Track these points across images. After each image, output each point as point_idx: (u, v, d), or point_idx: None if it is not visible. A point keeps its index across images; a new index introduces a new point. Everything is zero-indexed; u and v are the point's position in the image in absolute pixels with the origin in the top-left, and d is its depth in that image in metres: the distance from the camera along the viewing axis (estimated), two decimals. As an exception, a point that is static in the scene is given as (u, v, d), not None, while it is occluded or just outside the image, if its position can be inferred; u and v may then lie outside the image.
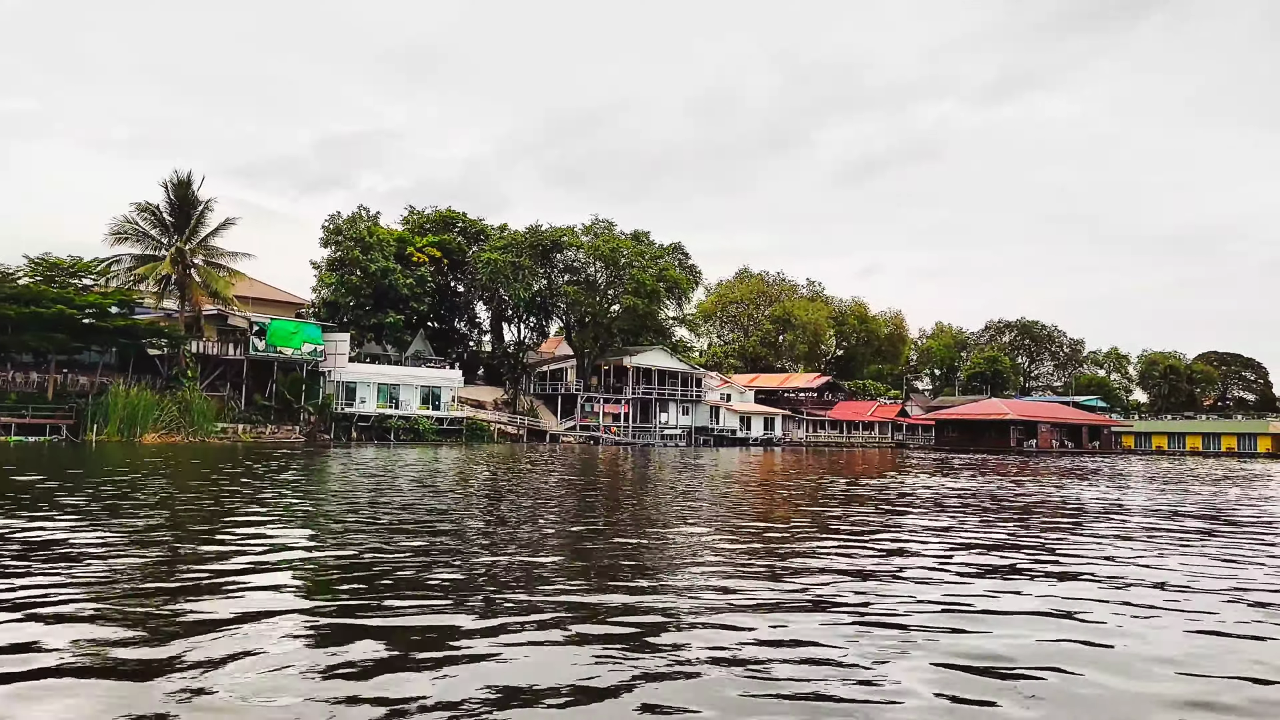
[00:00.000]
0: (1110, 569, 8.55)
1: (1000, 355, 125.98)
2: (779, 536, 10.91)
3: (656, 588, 7.06)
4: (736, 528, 11.88)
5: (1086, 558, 9.36)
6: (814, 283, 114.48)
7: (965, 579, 7.73)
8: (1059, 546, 10.29)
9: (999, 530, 12.20)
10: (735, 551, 9.36)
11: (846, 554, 9.21)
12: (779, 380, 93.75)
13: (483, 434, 64.07)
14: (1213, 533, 12.48)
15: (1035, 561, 9.02)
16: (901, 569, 8.28)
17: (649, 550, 9.32)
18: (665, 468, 30.99)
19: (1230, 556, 9.75)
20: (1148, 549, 10.27)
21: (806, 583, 7.34)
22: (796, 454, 57.46)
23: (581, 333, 74.59)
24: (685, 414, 80.00)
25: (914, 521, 13.43)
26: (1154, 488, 24.55)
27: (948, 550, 9.76)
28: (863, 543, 10.19)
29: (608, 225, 75.11)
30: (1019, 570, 8.40)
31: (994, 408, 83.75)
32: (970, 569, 8.37)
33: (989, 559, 9.16)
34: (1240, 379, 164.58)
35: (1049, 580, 7.83)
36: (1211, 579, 8.08)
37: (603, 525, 11.88)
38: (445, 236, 70.26)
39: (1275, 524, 14.11)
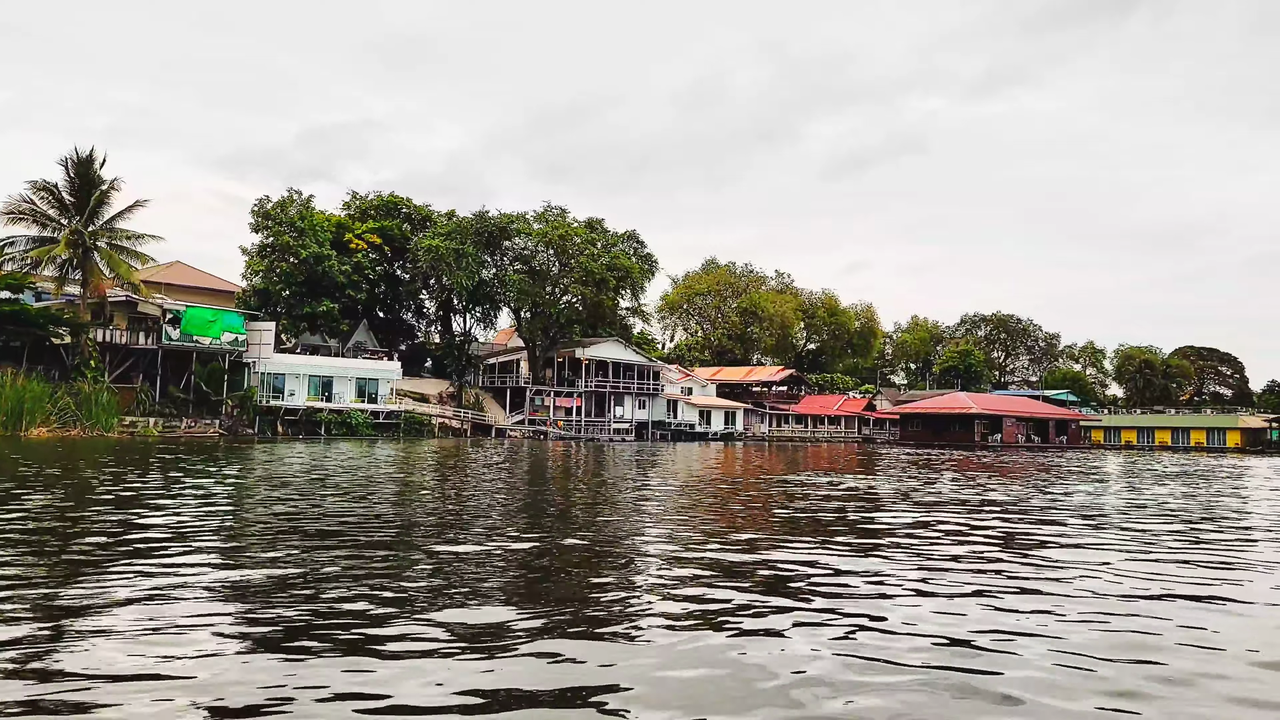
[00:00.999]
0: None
1: (973, 349, 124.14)
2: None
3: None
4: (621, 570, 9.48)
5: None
6: (783, 274, 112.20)
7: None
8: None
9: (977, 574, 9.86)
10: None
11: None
12: (742, 374, 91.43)
13: (423, 428, 61.44)
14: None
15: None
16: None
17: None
18: (589, 468, 28.58)
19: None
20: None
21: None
22: (755, 450, 55.22)
23: (532, 323, 71.99)
24: (642, 408, 77.58)
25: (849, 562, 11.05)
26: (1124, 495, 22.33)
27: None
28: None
29: (560, 212, 72.54)
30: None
31: (958, 402, 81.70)
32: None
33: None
34: (1216, 374, 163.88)
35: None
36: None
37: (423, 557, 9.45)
38: (387, 223, 67.46)
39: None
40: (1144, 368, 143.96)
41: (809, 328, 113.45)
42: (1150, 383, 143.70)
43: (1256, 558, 10.61)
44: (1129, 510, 16.62)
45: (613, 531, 11.70)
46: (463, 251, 64.01)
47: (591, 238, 68.57)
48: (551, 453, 39.25)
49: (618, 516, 13.66)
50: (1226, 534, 12.95)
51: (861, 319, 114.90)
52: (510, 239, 69.10)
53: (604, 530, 11.76)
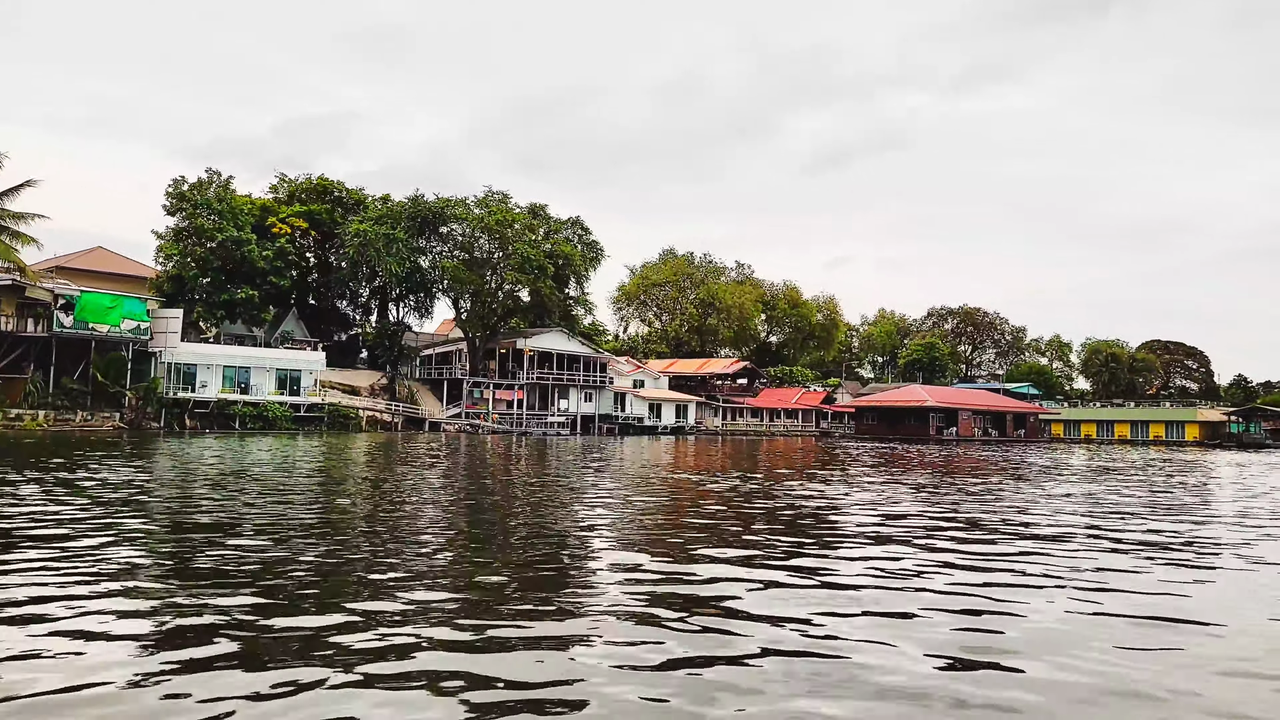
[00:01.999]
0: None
1: (937, 342, 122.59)
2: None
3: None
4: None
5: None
6: (743, 265, 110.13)
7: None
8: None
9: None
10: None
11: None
12: (696, 366, 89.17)
13: (349, 422, 58.62)
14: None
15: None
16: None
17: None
18: (489, 469, 26.09)
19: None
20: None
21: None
22: (700, 445, 52.90)
23: (472, 313, 69.30)
24: (588, 400, 75.09)
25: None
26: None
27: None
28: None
29: (501, 197, 69.78)
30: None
31: (914, 395, 79.91)
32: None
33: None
34: (1183, 367, 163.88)
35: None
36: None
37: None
38: (315, 206, 64.48)
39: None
40: (1110, 361, 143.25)
41: (771, 320, 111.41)
42: (1116, 376, 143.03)
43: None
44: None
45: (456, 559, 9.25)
46: (394, 237, 61.19)
47: (532, 224, 65.94)
48: (468, 449, 36.73)
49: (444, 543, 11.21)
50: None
51: (824, 311, 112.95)
52: (447, 225, 66.31)
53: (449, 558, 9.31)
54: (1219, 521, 13.44)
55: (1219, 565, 9.11)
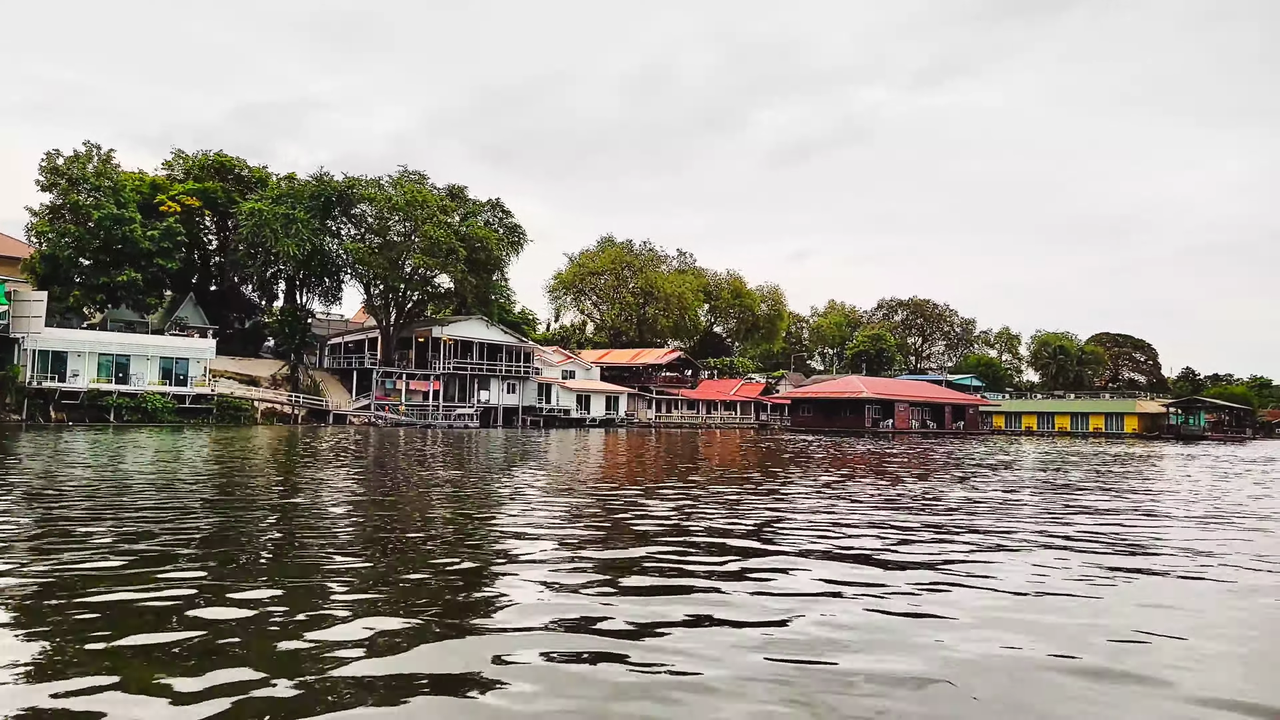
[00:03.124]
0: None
1: (884, 334, 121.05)
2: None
3: None
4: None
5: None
6: (685, 253, 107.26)
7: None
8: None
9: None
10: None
11: None
12: (630, 356, 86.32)
13: (241, 414, 54.90)
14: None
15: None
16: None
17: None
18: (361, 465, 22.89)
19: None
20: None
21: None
22: (625, 438, 50.03)
23: (385, 298, 65.79)
24: (511, 391, 71.90)
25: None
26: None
27: None
28: None
29: (418, 177, 66.29)
30: None
31: (850, 386, 77.84)
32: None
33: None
34: (1131, 360, 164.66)
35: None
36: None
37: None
38: (210, 184, 60.44)
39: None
40: (1058, 354, 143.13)
41: (714, 310, 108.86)
42: (1064, 368, 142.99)
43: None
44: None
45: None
46: (293, 217, 57.41)
47: (446, 205, 62.44)
48: (340, 445, 33.48)
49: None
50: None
51: (768, 301, 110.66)
52: (357, 206, 62.66)
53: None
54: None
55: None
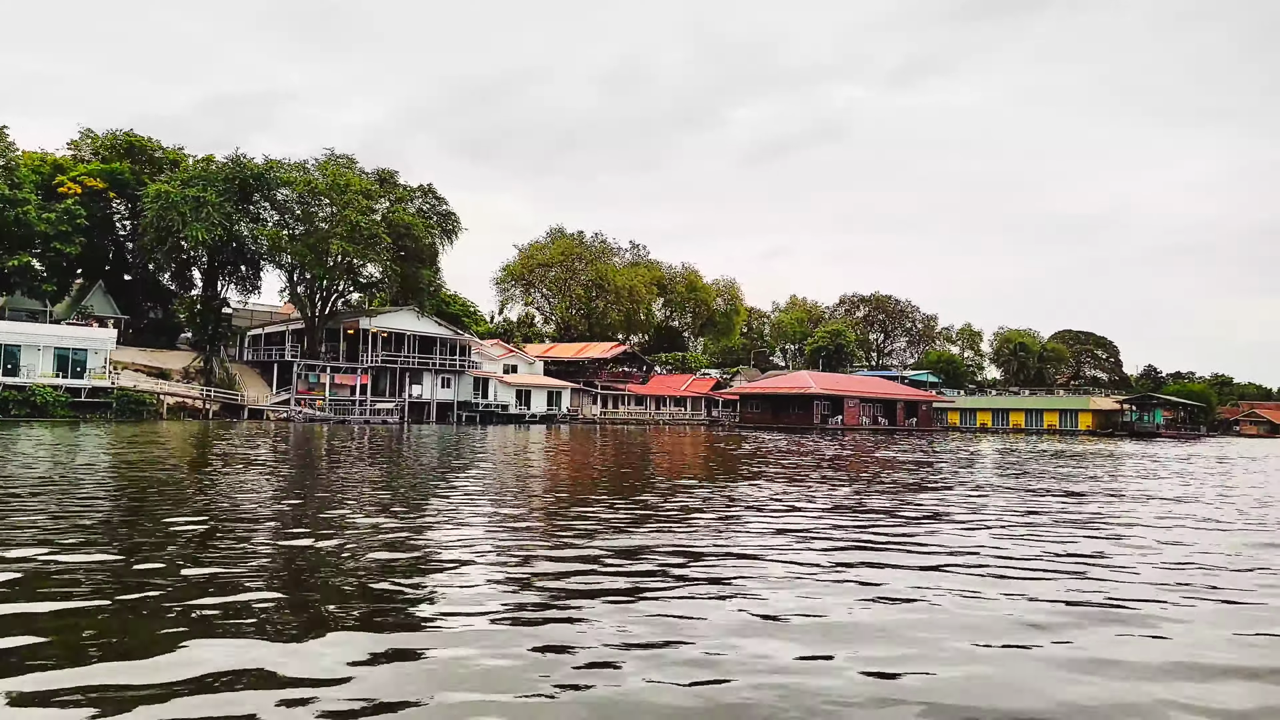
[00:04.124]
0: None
1: (843, 329, 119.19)
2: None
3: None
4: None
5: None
6: (638, 245, 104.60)
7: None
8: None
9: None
10: None
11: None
12: (575, 350, 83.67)
13: (144, 408, 51.58)
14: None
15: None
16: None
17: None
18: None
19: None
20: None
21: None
22: (562, 436, 47.40)
23: (311, 287, 62.66)
24: (446, 386, 69.02)
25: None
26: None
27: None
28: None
29: (347, 161, 63.19)
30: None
31: (799, 381, 75.78)
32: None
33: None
34: (1093, 357, 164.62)
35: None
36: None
37: None
38: (117, 165, 56.99)
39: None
40: (1019, 350, 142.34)
41: (669, 304, 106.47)
42: (1024, 365, 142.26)
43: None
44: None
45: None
46: (203, 200, 54.11)
47: (371, 189, 59.36)
48: (251, 441, 30.58)
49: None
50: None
51: (724, 295, 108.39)
52: (277, 189, 59.45)
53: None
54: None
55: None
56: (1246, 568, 7.70)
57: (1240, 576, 7.24)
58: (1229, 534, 10.02)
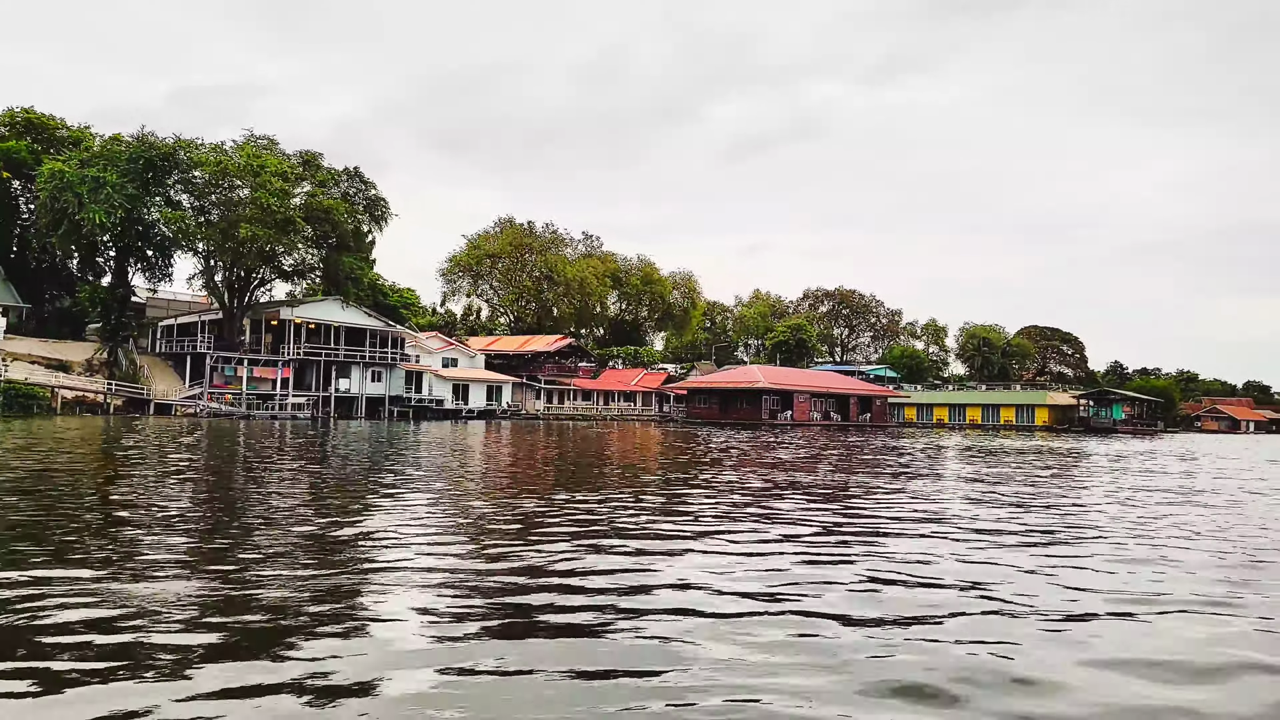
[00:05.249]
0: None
1: (804, 323, 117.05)
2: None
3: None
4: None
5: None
6: (591, 236, 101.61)
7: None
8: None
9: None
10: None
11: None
12: (518, 343, 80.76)
13: (34, 402, 48.15)
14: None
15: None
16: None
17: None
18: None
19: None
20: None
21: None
22: (492, 432, 44.59)
23: (230, 274, 59.35)
24: (376, 380, 65.93)
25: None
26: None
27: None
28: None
29: (268, 143, 59.88)
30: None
31: (748, 376, 73.42)
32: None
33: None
34: (1059, 353, 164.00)
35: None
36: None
37: None
38: (13, 143, 53.40)
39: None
40: (983, 346, 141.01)
41: (624, 296, 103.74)
42: (989, 361, 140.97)
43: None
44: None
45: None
46: (103, 181, 50.62)
47: (286, 171, 56.05)
48: (137, 440, 27.54)
49: None
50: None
51: (681, 289, 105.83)
52: (187, 170, 56.05)
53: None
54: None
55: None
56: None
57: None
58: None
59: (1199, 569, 7.05)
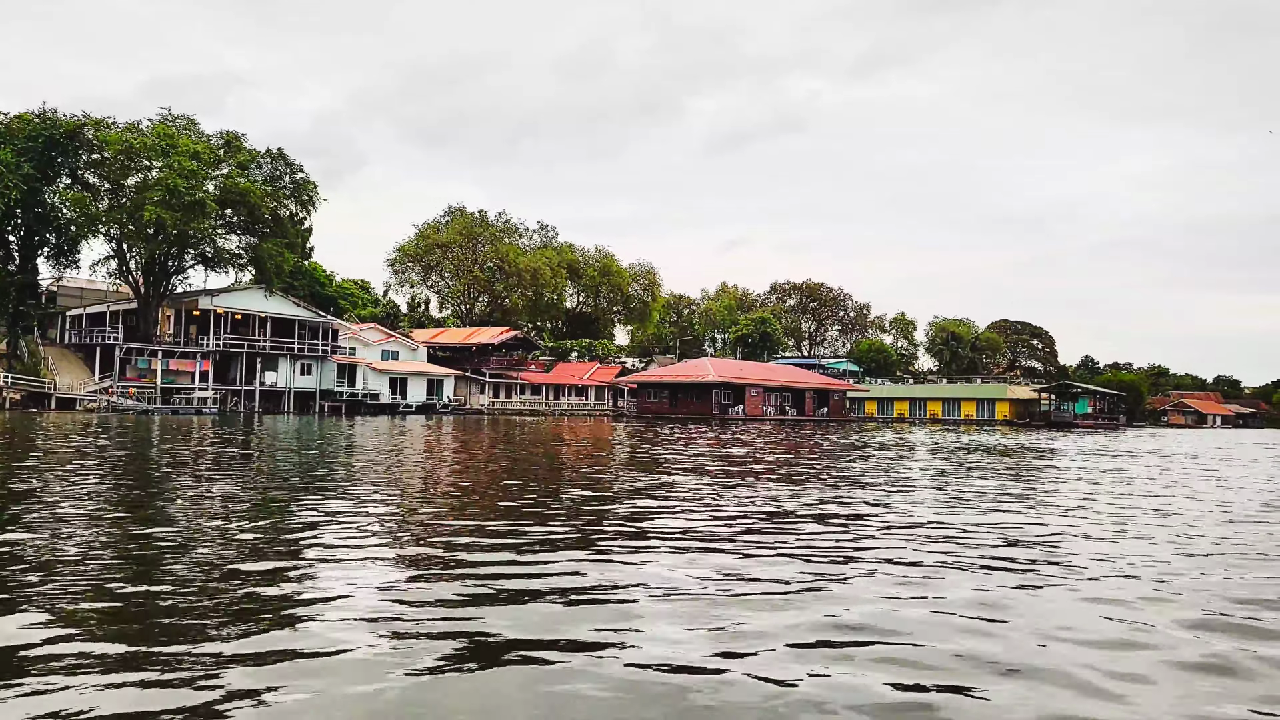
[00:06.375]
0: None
1: (768, 316, 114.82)
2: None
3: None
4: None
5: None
6: (547, 226, 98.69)
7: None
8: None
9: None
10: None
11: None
12: (463, 335, 77.83)
13: (-85, 397, 44.91)
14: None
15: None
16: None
17: None
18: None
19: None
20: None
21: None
22: (423, 429, 41.69)
23: (142, 262, 56.12)
24: (306, 373, 62.94)
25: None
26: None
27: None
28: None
29: (187, 122, 56.65)
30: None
31: (698, 369, 70.95)
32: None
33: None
34: (1029, 347, 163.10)
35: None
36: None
37: None
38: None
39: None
40: (951, 340, 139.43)
41: (582, 289, 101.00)
42: (957, 355, 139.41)
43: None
44: None
45: None
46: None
47: (199, 150, 52.80)
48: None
49: None
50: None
51: (641, 280, 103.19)
52: (94, 151, 52.80)
53: None
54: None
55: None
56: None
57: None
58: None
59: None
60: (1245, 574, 6.10)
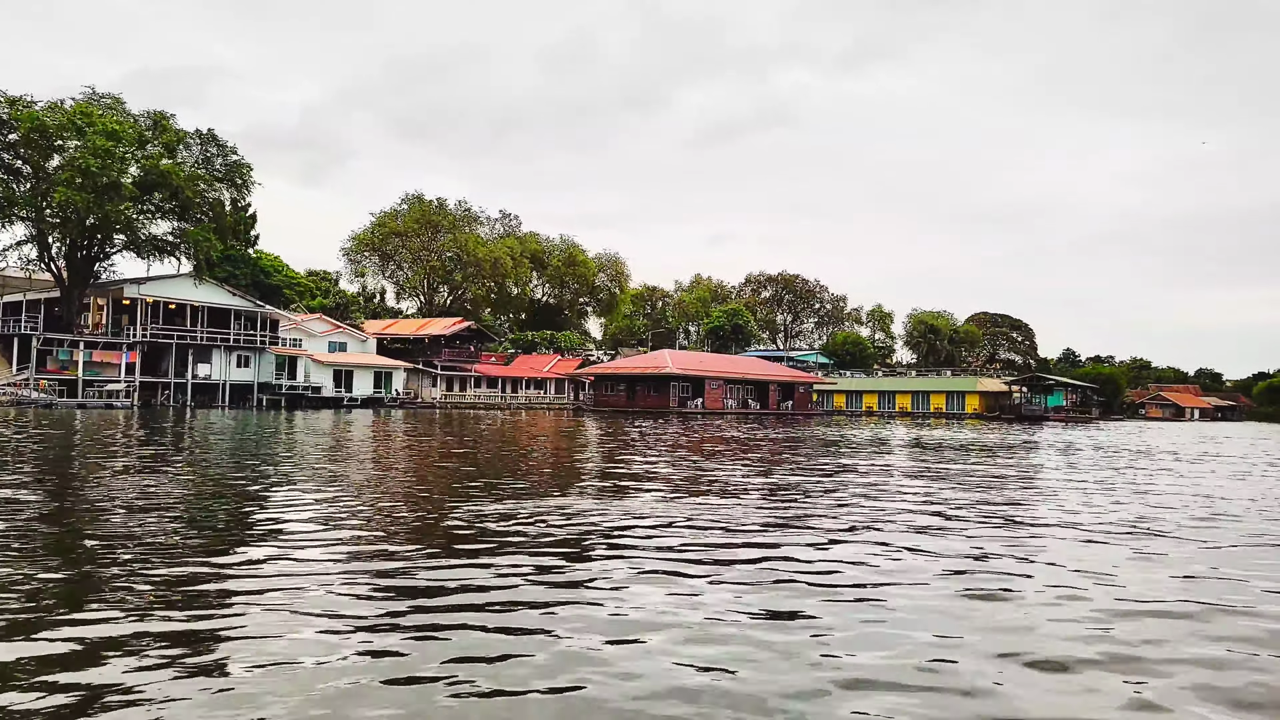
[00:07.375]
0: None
1: (741, 308, 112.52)
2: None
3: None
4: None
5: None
6: (509, 215, 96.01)
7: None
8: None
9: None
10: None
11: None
12: (414, 327, 75.18)
13: None
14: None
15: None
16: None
17: None
18: None
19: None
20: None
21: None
22: (368, 425, 39.13)
23: (62, 249, 53.27)
24: (243, 365, 60.23)
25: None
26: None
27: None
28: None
29: (113, 101, 53.75)
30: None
31: (656, 361, 68.64)
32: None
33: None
34: (1008, 340, 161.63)
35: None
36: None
37: None
38: None
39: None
40: (929, 332, 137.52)
41: (548, 280, 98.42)
42: (935, 347, 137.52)
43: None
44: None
45: None
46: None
47: (115, 130, 49.85)
48: None
49: None
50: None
51: (608, 271, 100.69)
52: (9, 131, 49.86)
53: None
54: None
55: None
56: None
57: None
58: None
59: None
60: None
